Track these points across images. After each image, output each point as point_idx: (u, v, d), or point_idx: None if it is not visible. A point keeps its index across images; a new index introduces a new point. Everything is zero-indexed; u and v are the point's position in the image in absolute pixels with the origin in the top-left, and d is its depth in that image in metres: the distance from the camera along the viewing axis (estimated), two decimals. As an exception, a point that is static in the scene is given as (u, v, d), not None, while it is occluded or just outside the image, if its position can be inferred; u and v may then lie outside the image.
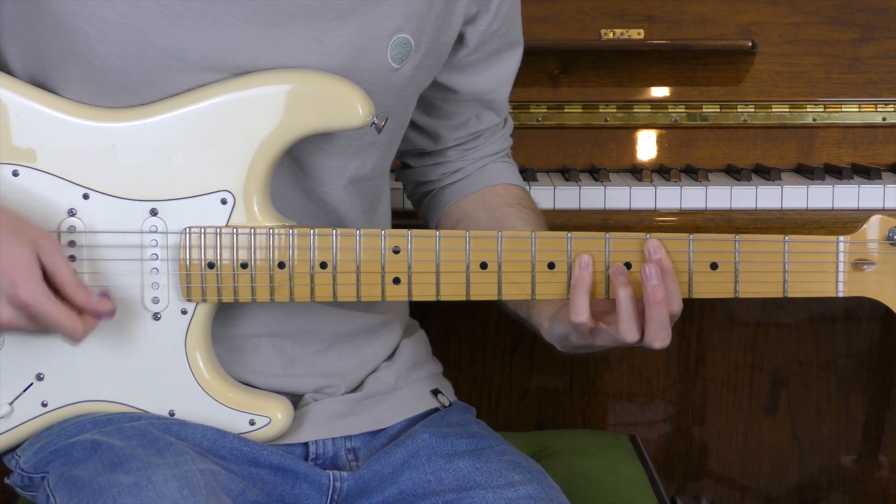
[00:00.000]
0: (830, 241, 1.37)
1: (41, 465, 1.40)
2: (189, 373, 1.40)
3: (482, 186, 1.63)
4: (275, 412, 1.42)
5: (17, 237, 1.28)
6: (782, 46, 2.14)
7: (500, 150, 1.67)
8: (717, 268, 1.37)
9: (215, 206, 1.37)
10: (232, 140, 1.37)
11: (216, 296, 1.38)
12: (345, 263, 1.37)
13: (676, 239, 1.36)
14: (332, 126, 1.38)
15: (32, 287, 1.27)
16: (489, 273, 1.38)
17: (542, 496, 1.40)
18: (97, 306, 1.31)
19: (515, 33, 1.61)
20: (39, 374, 1.40)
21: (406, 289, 1.38)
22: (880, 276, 1.37)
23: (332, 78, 1.37)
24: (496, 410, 2.38)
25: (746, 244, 1.37)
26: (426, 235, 1.37)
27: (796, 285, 1.37)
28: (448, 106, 1.61)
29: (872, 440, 2.44)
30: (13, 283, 1.27)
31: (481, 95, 1.61)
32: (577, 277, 1.36)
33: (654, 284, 1.34)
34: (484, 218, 1.59)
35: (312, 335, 1.49)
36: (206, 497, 1.28)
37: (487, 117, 1.64)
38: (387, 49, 1.42)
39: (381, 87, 1.42)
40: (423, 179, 1.67)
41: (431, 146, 1.64)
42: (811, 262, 1.37)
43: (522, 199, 1.62)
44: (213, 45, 1.35)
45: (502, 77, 1.61)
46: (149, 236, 1.38)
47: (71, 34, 1.35)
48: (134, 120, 1.37)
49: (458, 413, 1.57)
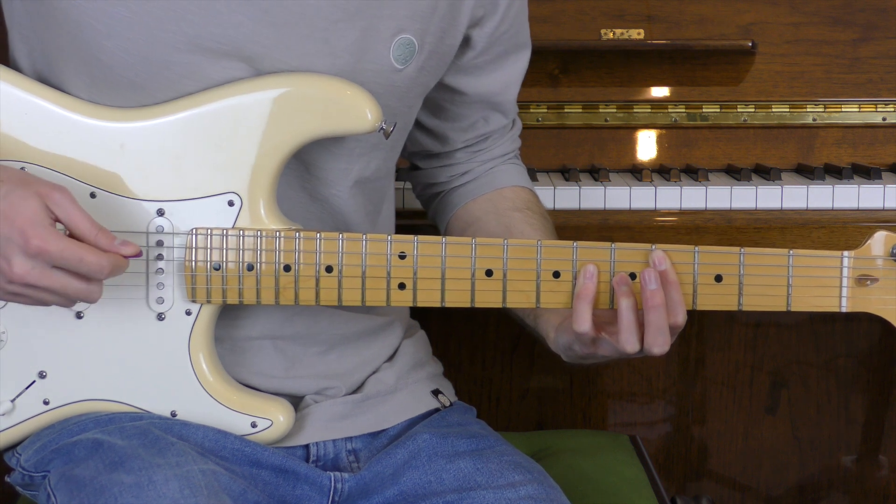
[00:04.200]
0: (835, 257, 1.37)
1: (42, 463, 1.40)
2: (192, 374, 1.40)
3: (491, 189, 1.63)
4: (276, 415, 1.42)
5: (25, 189, 1.26)
6: (782, 46, 2.14)
7: (508, 152, 1.67)
8: (721, 280, 1.37)
9: (222, 207, 1.37)
10: (240, 142, 1.37)
11: (221, 297, 1.38)
12: (350, 268, 1.37)
13: (681, 251, 1.37)
14: (340, 131, 1.38)
15: (42, 232, 1.24)
16: (494, 280, 1.38)
17: (542, 496, 1.40)
18: (122, 249, 1.28)
19: (523, 36, 1.61)
20: (42, 371, 1.40)
21: (411, 294, 1.38)
22: (883, 292, 1.38)
23: (341, 82, 1.37)
24: (496, 411, 2.38)
25: (751, 257, 1.37)
26: (432, 242, 1.37)
27: (800, 299, 1.38)
28: (455, 108, 1.61)
29: (872, 440, 2.44)
30: (22, 232, 1.24)
31: (489, 98, 1.60)
32: (580, 287, 1.36)
33: (652, 289, 1.34)
34: (493, 223, 1.59)
35: (314, 338, 1.49)
36: (207, 497, 1.28)
37: (495, 119, 1.64)
38: (390, 49, 1.42)
39: (385, 88, 1.42)
40: (432, 181, 1.67)
41: (439, 148, 1.64)
42: (815, 276, 1.38)
43: (531, 204, 1.62)
44: (219, 41, 1.35)
45: (510, 79, 1.61)
46: (155, 236, 1.38)
47: (78, 31, 1.35)
48: (142, 120, 1.37)
49: (458, 413, 1.57)
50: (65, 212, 1.27)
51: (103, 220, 1.36)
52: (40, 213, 1.25)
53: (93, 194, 1.37)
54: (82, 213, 1.27)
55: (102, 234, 1.28)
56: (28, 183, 1.28)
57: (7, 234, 1.25)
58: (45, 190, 1.27)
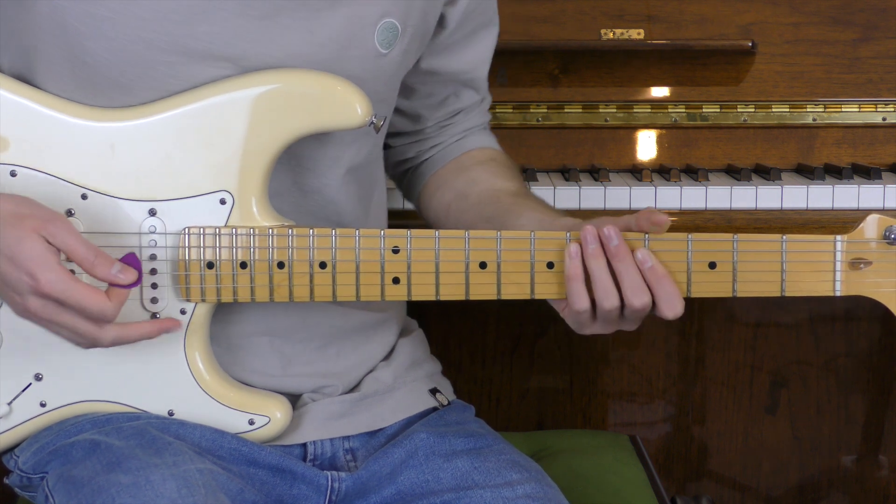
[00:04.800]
0: (828, 241, 1.38)
1: (40, 465, 1.40)
2: (188, 373, 1.40)
3: (459, 153, 1.64)
4: (274, 411, 1.42)
5: (20, 229, 1.27)
6: (782, 46, 2.14)
7: (476, 125, 1.68)
8: (715, 267, 1.37)
9: (214, 206, 1.37)
10: (230, 140, 1.37)
11: (215, 296, 1.38)
12: (344, 263, 1.37)
13: (675, 239, 1.37)
14: (330, 126, 1.38)
15: (51, 275, 1.25)
16: (488, 273, 1.38)
17: (540, 495, 1.40)
18: (118, 278, 1.28)
19: (491, 12, 1.62)
20: (38, 374, 1.40)
21: (405, 289, 1.38)
22: (877, 275, 1.38)
23: (330, 78, 1.38)
24: (496, 410, 2.38)
25: (744, 244, 1.37)
26: (425, 236, 1.37)
27: (794, 284, 1.38)
28: (426, 87, 1.62)
29: (872, 440, 2.44)
30: (32, 276, 1.25)
31: (460, 75, 1.61)
32: (567, 269, 1.36)
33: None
34: (457, 178, 1.60)
35: (309, 332, 1.49)
36: (205, 496, 1.28)
37: (467, 95, 1.65)
38: (374, 35, 1.42)
39: (371, 74, 1.42)
40: (402, 158, 1.68)
41: (412, 126, 1.65)
42: (809, 261, 1.38)
43: (496, 156, 1.63)
44: (204, 39, 1.35)
45: (481, 56, 1.62)
46: (147, 236, 1.38)
47: (61, 32, 1.35)
48: (132, 120, 1.37)
49: (456, 412, 1.57)
50: (62, 242, 1.27)
51: (95, 221, 1.36)
52: (44, 252, 1.26)
53: (84, 195, 1.37)
54: (79, 242, 1.27)
55: (100, 261, 1.28)
56: (22, 218, 1.27)
57: (17, 277, 1.26)
58: (40, 224, 1.27)
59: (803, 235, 1.38)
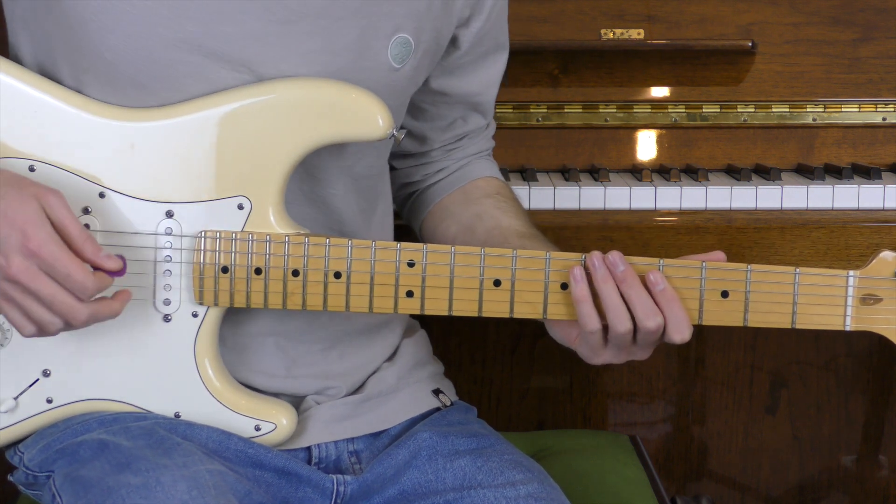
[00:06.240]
0: (840, 275, 1.38)
1: (46, 463, 1.40)
2: (197, 376, 1.40)
3: (464, 182, 1.64)
4: (280, 418, 1.42)
5: (21, 191, 1.27)
6: (782, 46, 2.14)
7: (482, 150, 1.68)
8: (727, 296, 1.38)
9: (232, 210, 1.37)
10: (251, 146, 1.36)
11: (229, 300, 1.38)
12: (358, 274, 1.37)
13: (689, 266, 1.37)
14: (352, 137, 1.38)
15: (42, 234, 1.25)
16: (502, 291, 1.38)
17: (542, 495, 1.40)
18: (104, 262, 1.28)
19: (503, 36, 1.63)
20: (46, 370, 1.40)
21: (419, 302, 1.38)
22: (887, 312, 1.38)
23: (353, 88, 1.37)
24: (496, 410, 2.38)
25: (758, 274, 1.37)
26: (441, 251, 1.37)
27: (805, 317, 1.38)
28: (436, 108, 1.62)
29: (872, 440, 2.44)
30: (23, 232, 1.25)
31: (469, 98, 1.62)
32: (574, 293, 1.36)
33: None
34: (463, 212, 1.60)
35: (315, 333, 1.49)
36: (216, 497, 1.28)
37: (474, 119, 1.65)
38: (388, 49, 1.42)
39: (383, 88, 1.42)
40: (407, 181, 1.68)
41: (417, 148, 1.65)
42: (821, 294, 1.38)
43: (502, 189, 1.64)
44: (221, 39, 1.35)
45: (490, 79, 1.63)
46: (163, 238, 1.37)
47: (80, 26, 1.35)
48: (154, 120, 1.37)
49: (459, 412, 1.57)
50: (57, 215, 1.27)
51: (111, 220, 1.36)
52: (40, 215, 1.26)
53: (101, 194, 1.37)
54: (73, 219, 1.28)
55: (89, 242, 1.28)
56: (23, 185, 1.28)
57: (7, 232, 1.25)
58: (41, 192, 1.27)
59: (817, 269, 1.38)
